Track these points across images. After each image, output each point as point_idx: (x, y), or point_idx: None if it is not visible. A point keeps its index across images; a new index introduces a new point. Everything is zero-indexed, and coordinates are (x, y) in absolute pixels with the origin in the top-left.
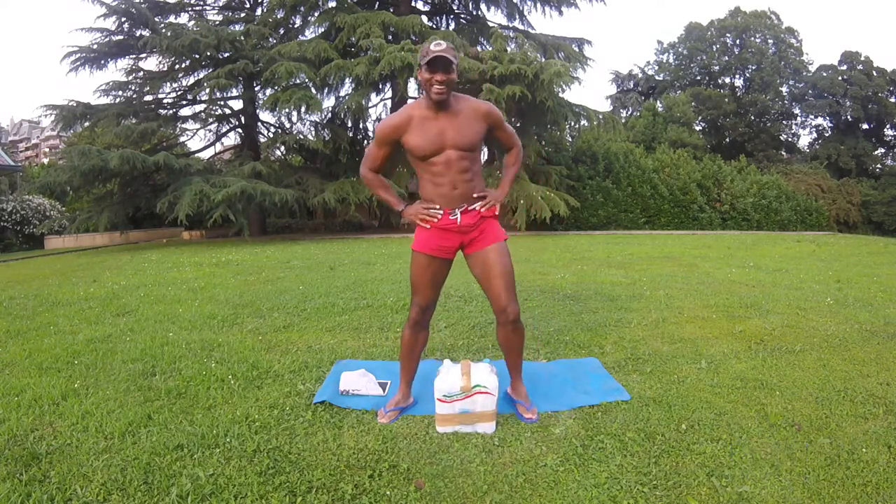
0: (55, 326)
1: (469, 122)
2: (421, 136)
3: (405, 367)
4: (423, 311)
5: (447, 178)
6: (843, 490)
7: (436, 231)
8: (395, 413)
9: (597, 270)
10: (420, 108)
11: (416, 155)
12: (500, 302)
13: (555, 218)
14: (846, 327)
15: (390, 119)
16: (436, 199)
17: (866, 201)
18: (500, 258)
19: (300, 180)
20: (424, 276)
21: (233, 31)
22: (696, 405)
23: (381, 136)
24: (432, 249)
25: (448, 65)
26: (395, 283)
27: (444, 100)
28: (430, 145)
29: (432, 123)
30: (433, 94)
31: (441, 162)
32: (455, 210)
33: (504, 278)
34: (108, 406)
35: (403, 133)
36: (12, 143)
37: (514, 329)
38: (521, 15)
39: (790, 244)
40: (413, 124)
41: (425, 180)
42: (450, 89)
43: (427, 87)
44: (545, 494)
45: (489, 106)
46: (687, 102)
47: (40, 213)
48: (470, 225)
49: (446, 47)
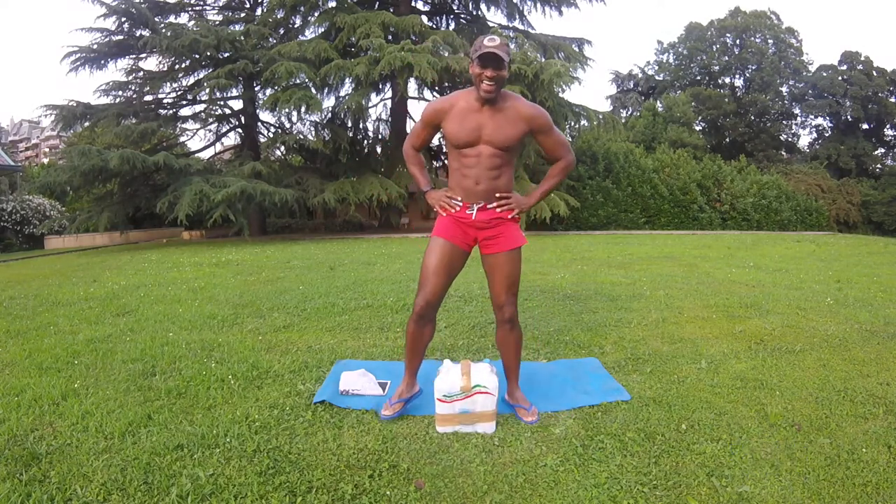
0: (55, 326)
1: (509, 122)
2: (459, 125)
3: (410, 360)
4: (428, 304)
5: (474, 172)
6: (843, 490)
7: (452, 221)
8: (400, 405)
9: (597, 270)
10: (467, 98)
11: (451, 142)
12: (498, 300)
13: (555, 218)
14: (846, 327)
15: (436, 102)
16: (458, 190)
17: (866, 201)
18: (508, 263)
19: (300, 180)
20: (437, 261)
21: (233, 31)
22: (696, 405)
23: (425, 118)
24: (450, 235)
25: (500, 62)
26: (395, 283)
27: (493, 97)
28: (465, 135)
29: (474, 115)
30: (482, 90)
31: (473, 154)
32: (473, 205)
33: (507, 279)
34: (108, 406)
35: (444, 118)
36: (12, 143)
37: (511, 329)
38: (521, 15)
39: (790, 244)
40: (455, 112)
41: (454, 169)
42: (499, 87)
43: (477, 81)
44: (545, 494)
45: (536, 110)
46: (687, 102)
47: (40, 213)
48: (485, 222)
49: (500, 43)
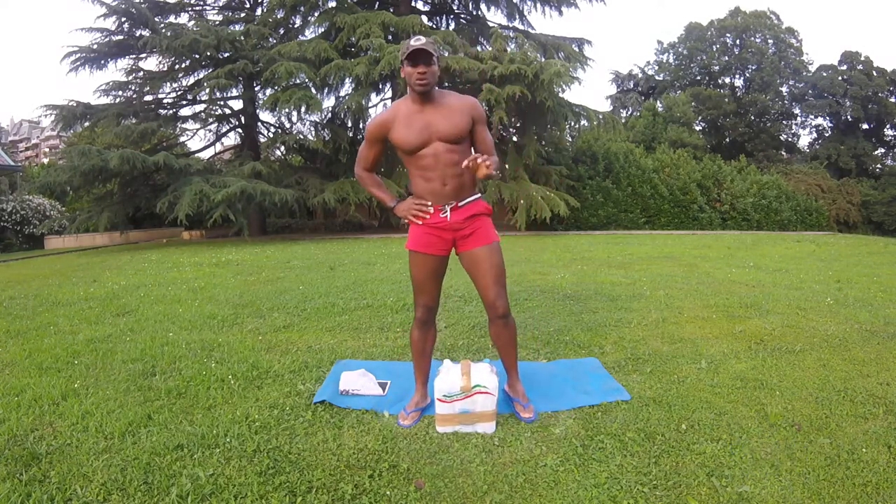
0: (55, 326)
1: (455, 114)
2: (406, 130)
3: (419, 367)
4: (428, 309)
5: (436, 173)
6: (843, 490)
7: (427, 228)
8: (417, 414)
9: (597, 270)
10: (406, 103)
11: (404, 149)
12: (488, 296)
13: (555, 218)
14: (846, 327)
15: (377, 117)
16: (426, 195)
17: (866, 201)
18: (490, 255)
19: (300, 180)
20: (423, 274)
21: (233, 31)
22: (696, 405)
23: (370, 135)
24: (425, 247)
25: (428, 57)
26: (395, 283)
27: (428, 90)
28: (416, 138)
29: (418, 117)
30: (416, 84)
31: (429, 155)
32: (445, 207)
33: (493, 273)
34: (108, 406)
35: (390, 129)
36: (12, 143)
37: (505, 324)
38: (521, 15)
39: (790, 244)
40: (399, 119)
41: (415, 176)
42: (432, 80)
43: (410, 80)
44: (545, 494)
45: (474, 100)
46: (687, 102)
47: (40, 213)
48: (460, 222)
49: (426, 41)
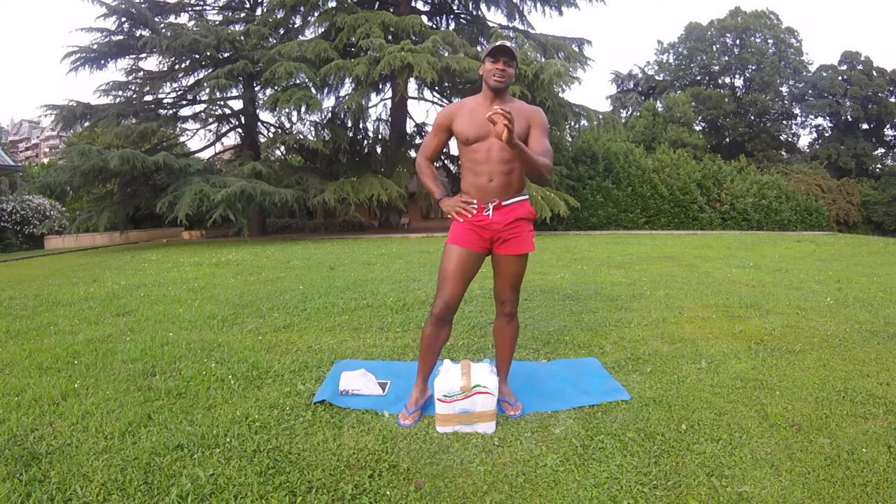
0: (55, 326)
1: (517, 117)
2: (469, 121)
3: (424, 362)
4: (448, 306)
5: (486, 168)
6: (843, 490)
7: (469, 225)
8: (418, 413)
9: (597, 270)
10: (475, 99)
11: (461, 139)
12: (501, 295)
13: (555, 218)
14: (846, 327)
15: (447, 107)
16: (472, 189)
17: (866, 201)
18: (517, 264)
19: (300, 180)
20: (454, 266)
21: (233, 31)
22: (696, 405)
23: (437, 123)
24: (465, 242)
25: (511, 54)
26: (395, 283)
27: (503, 87)
28: (475, 130)
29: (483, 111)
30: (493, 79)
31: (483, 149)
32: (488, 205)
33: (513, 279)
34: (108, 406)
35: (455, 118)
36: (12, 143)
37: (510, 322)
38: (521, 15)
39: (790, 244)
40: (465, 111)
41: (466, 168)
42: (509, 80)
43: (488, 75)
44: (545, 494)
45: (539, 109)
46: (687, 102)
47: (40, 213)
48: (502, 225)
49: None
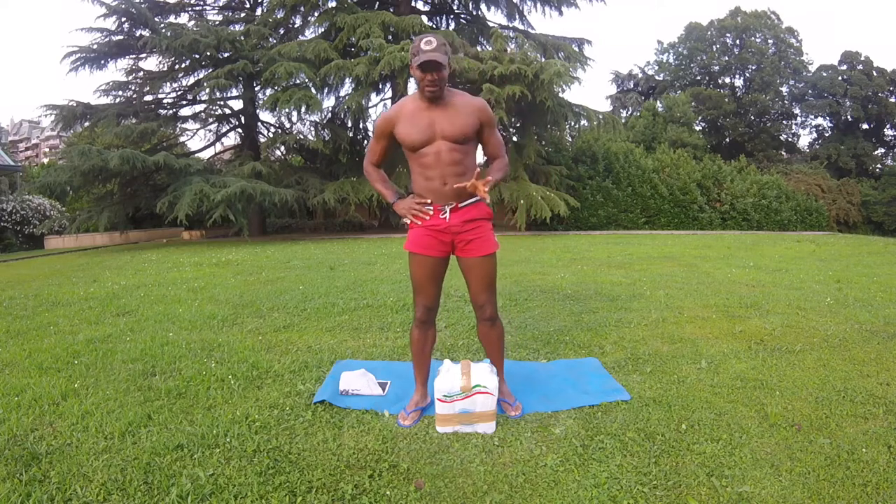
0: (55, 326)
1: (461, 115)
2: (411, 126)
3: (419, 367)
4: (428, 310)
5: (437, 172)
6: (843, 490)
7: (427, 230)
8: (417, 414)
9: (597, 270)
10: (414, 100)
11: (407, 145)
12: (477, 300)
13: (555, 218)
14: (846, 327)
15: (385, 113)
16: (426, 193)
17: (866, 201)
18: (484, 265)
19: (300, 180)
20: (421, 275)
21: (233, 31)
22: (696, 405)
23: (378, 130)
24: (424, 248)
25: (439, 66)
26: (395, 283)
27: (437, 95)
28: (419, 135)
29: (424, 114)
30: (426, 92)
31: (431, 153)
32: (445, 207)
33: (485, 281)
34: (108, 406)
35: (395, 124)
36: (12, 143)
37: (492, 326)
38: (521, 15)
39: (790, 244)
40: (405, 115)
41: (416, 173)
42: (442, 86)
43: (419, 84)
44: (545, 494)
45: (483, 102)
46: (687, 102)
47: (40, 213)
48: (460, 225)
49: (436, 46)
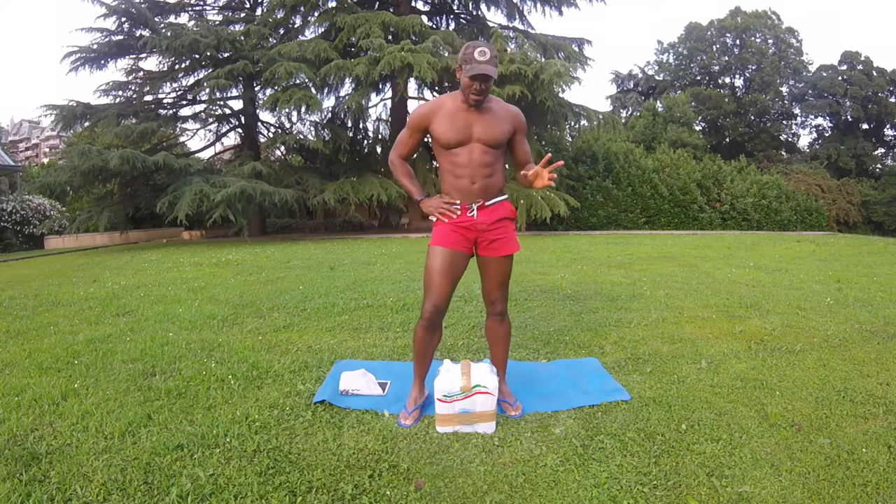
0: (55, 326)
1: (497, 120)
2: (449, 125)
3: (419, 366)
4: (437, 309)
5: (468, 171)
6: (843, 490)
7: (453, 226)
8: (417, 412)
9: (597, 270)
10: (454, 99)
11: (441, 143)
12: (490, 297)
13: (555, 218)
14: (846, 327)
15: (422, 106)
16: (454, 191)
17: (866, 201)
18: (503, 264)
19: (300, 180)
20: (440, 269)
21: (233, 31)
22: (696, 405)
23: (412, 123)
24: (450, 243)
25: (489, 79)
26: (395, 283)
27: (481, 104)
28: (456, 135)
29: (462, 115)
30: (471, 99)
31: (464, 153)
32: (472, 205)
33: (500, 279)
34: (108, 406)
35: (432, 120)
36: (12, 143)
37: (501, 321)
38: (521, 15)
39: (790, 244)
40: (443, 113)
41: (446, 171)
42: (486, 95)
43: (466, 91)
44: (545, 494)
45: (518, 111)
46: (687, 102)
47: (40, 213)
48: (487, 224)
49: (489, 58)
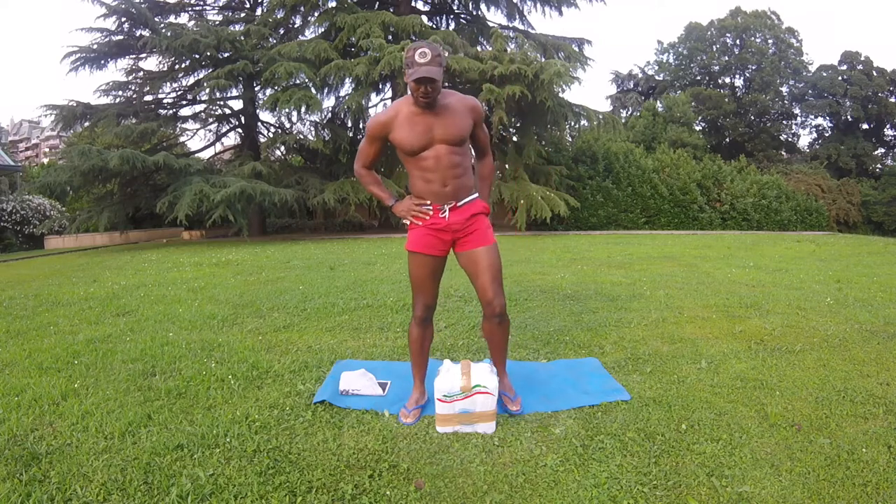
0: (55, 326)
1: (457, 117)
2: (409, 132)
3: (417, 364)
4: (427, 307)
5: (437, 174)
6: (843, 490)
7: (427, 229)
8: (418, 411)
9: (597, 270)
10: (408, 104)
11: (405, 150)
12: (486, 294)
13: (555, 218)
14: (846, 327)
15: (378, 116)
16: (426, 195)
17: (866, 201)
18: (488, 254)
19: (300, 180)
20: (423, 274)
21: (233, 31)
22: (696, 405)
23: (370, 133)
24: (425, 247)
25: (433, 82)
26: (395, 283)
27: (432, 105)
28: (418, 139)
29: (420, 118)
30: (420, 102)
31: (431, 157)
32: (444, 207)
33: (491, 271)
34: (108, 406)
35: (391, 129)
36: (12, 143)
37: (500, 323)
38: (521, 15)
39: (790, 244)
40: (400, 120)
41: (415, 177)
42: (436, 96)
43: (413, 93)
44: (545, 494)
45: (475, 101)
46: (687, 102)
47: (40, 213)
48: (460, 223)
49: (431, 58)
